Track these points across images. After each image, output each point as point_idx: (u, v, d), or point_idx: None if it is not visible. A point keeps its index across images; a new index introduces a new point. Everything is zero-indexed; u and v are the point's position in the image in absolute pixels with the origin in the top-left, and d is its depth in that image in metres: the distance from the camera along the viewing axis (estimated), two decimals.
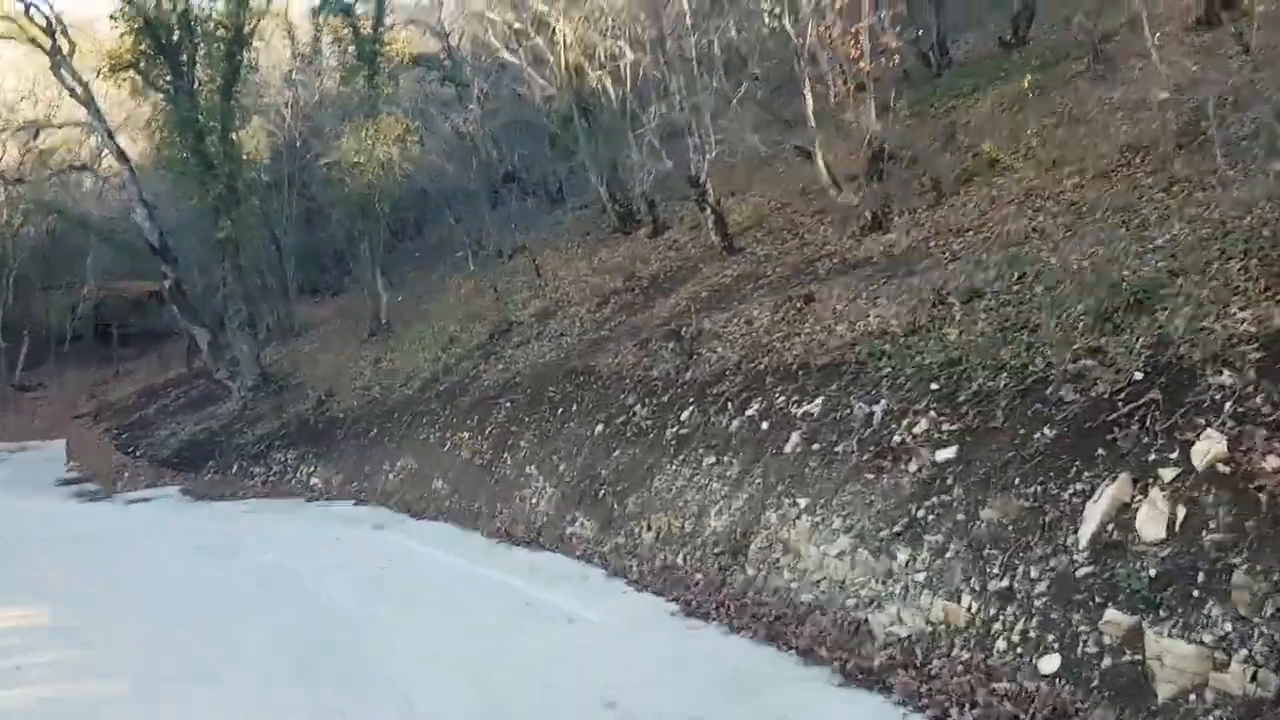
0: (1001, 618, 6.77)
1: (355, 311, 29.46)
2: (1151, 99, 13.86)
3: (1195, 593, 5.64)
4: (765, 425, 10.82)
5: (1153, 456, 6.54)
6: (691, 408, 12.29)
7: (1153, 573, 5.94)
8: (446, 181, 30.98)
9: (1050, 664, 6.25)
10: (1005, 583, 6.92)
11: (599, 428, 13.89)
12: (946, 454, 8.38)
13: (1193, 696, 5.48)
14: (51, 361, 40.36)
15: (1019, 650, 6.49)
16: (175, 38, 25.61)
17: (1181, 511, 6.04)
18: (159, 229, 27.52)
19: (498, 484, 15.34)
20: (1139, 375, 7.19)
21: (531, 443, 15.40)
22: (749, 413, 11.22)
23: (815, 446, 9.84)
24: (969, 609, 7.04)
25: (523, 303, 22.08)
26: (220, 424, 26.23)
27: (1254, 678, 5.18)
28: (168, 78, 25.92)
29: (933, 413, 8.90)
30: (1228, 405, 6.31)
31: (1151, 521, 6.15)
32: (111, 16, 26.28)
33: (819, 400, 10.40)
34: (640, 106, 19.95)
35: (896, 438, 9.00)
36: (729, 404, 11.66)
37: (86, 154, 39.09)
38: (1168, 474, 6.31)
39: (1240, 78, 12.11)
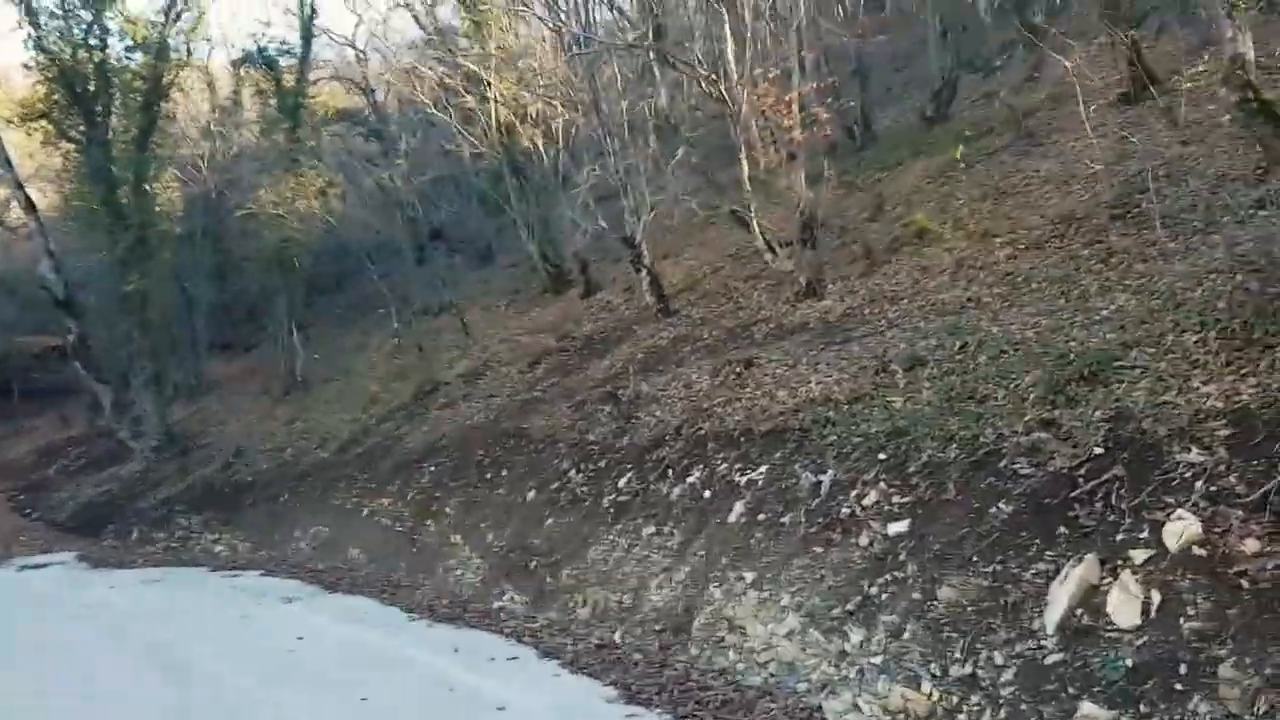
0: (966, 708, 6.37)
1: (269, 369, 28.45)
2: (1081, 171, 14.14)
3: (1178, 686, 5.32)
4: (708, 493, 10.42)
5: (1121, 536, 6.28)
6: (630, 474, 11.83)
7: (1130, 663, 5.62)
8: (370, 236, 30.38)
9: None
10: (968, 669, 6.55)
11: (531, 494, 13.33)
12: (898, 527, 8.07)
13: None
14: None
15: None
16: (91, 88, 24.95)
17: (1156, 596, 5.75)
18: (65, 281, 26.42)
19: (420, 554, 14.60)
20: (1099, 450, 6.98)
21: (457, 510, 14.75)
22: (690, 480, 10.82)
23: (761, 517, 9.46)
24: (930, 697, 6.64)
25: (449, 362, 21.47)
26: (121, 486, 24.89)
27: None
28: (81, 128, 25.15)
29: (882, 484, 8.61)
30: (1199, 484, 6.08)
31: (1124, 606, 5.86)
32: (25, 65, 25.64)
33: (763, 468, 10.04)
34: (574, 166, 19.75)
35: (845, 509, 8.67)
36: (669, 470, 11.25)
37: None
38: (1139, 556, 6.04)
39: (1171, 151, 12.37)
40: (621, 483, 11.88)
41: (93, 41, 24.91)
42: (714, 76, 15.44)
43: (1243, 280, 7.49)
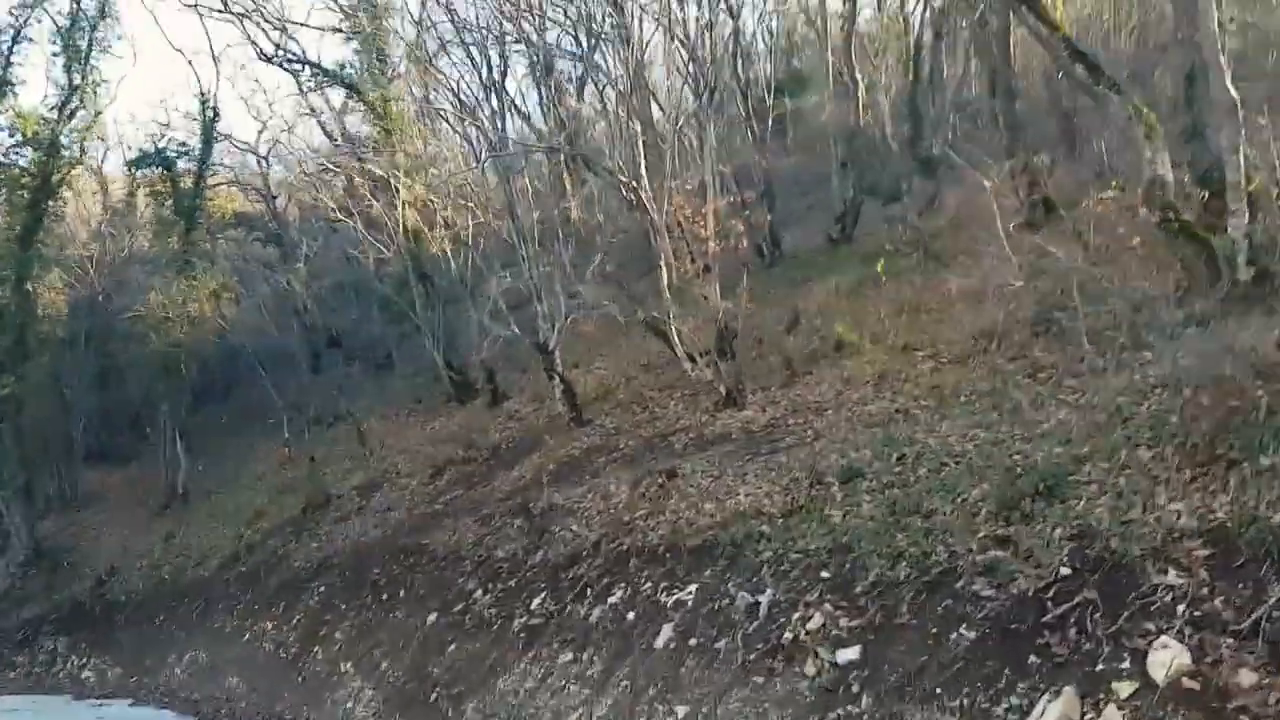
0: None
1: (149, 480, 26.81)
2: (992, 291, 14.24)
3: None
4: (631, 615, 9.63)
5: (1100, 667, 5.76)
6: (543, 594, 10.98)
7: None
8: (263, 343, 29.29)
9: None
10: None
11: (432, 617, 12.33)
12: (849, 654, 7.41)
13: None
14: None
15: None
16: None
17: None
18: None
19: (305, 683, 13.40)
20: (1066, 570, 6.51)
21: (348, 634, 13.62)
22: (612, 600, 10.03)
23: (692, 642, 8.71)
24: None
25: (344, 474, 20.38)
26: None
27: None
28: None
29: (828, 605, 7.98)
30: (1180, 609, 5.63)
31: None
32: None
33: (693, 587, 9.34)
34: (488, 270, 19.29)
35: (788, 634, 7.99)
36: (588, 590, 10.45)
37: None
38: (1123, 689, 5.51)
39: (1085, 273, 12.49)
40: (534, 604, 11.01)
41: None
42: (633, 183, 15.31)
43: (1193, 395, 7.28)
